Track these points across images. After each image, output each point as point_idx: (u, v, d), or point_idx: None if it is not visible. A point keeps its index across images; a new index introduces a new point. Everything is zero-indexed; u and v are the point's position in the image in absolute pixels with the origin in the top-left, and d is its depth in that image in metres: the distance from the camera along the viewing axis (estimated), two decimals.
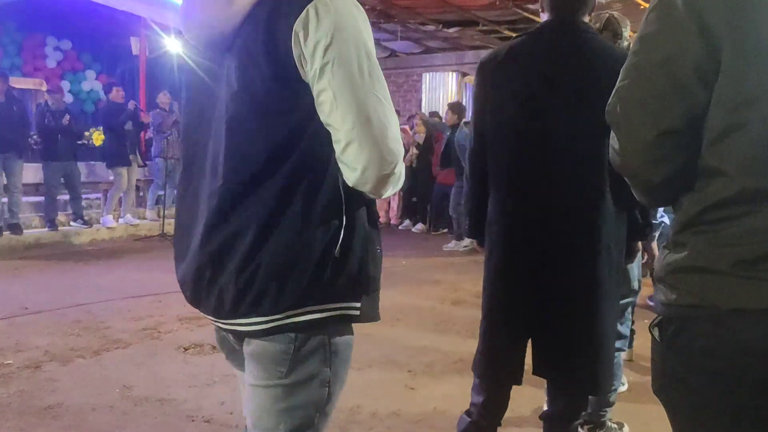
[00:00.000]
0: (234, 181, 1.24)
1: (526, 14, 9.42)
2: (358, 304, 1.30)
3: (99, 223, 8.63)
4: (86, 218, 8.50)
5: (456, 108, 8.76)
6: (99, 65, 14.37)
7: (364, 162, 1.21)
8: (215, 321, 1.34)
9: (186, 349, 4.06)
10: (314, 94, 1.21)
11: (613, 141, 1.17)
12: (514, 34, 10.94)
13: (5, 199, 7.65)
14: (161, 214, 9.09)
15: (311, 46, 1.17)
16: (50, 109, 8.04)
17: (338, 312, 1.28)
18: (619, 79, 1.16)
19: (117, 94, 8.96)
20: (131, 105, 8.90)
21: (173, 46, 12.34)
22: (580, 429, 2.73)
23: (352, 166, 1.22)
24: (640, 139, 1.12)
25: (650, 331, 1.15)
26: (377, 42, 12.75)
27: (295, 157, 1.22)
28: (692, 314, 1.04)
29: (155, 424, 2.96)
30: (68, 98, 11.70)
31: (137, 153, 8.97)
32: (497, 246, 2.24)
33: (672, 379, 1.11)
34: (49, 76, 13.07)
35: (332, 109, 1.19)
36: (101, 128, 9.72)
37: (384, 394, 3.37)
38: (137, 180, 9.44)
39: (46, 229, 8.02)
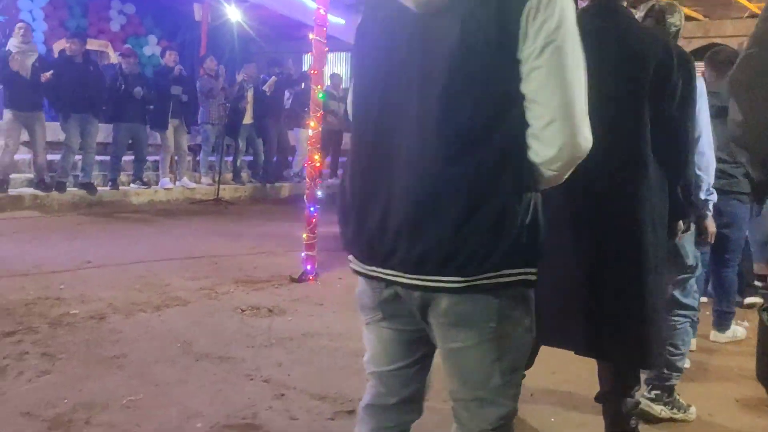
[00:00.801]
0: (449, 145, 1.27)
1: None
2: (536, 270, 1.36)
3: (157, 185, 8.81)
4: (145, 179, 8.69)
5: None
6: (160, 31, 14.58)
7: (562, 141, 1.25)
8: (407, 279, 1.33)
9: (243, 311, 4.12)
10: (524, 70, 1.25)
11: (735, 113, 1.12)
12: None
13: (78, 158, 7.89)
14: (216, 179, 9.22)
15: (538, 25, 1.22)
16: (123, 72, 8.21)
17: (528, 276, 1.34)
18: (746, 47, 1.11)
19: (170, 58, 9.04)
20: (177, 70, 8.94)
21: (234, 14, 12.46)
22: (646, 392, 2.80)
23: (550, 144, 1.26)
24: (763, 112, 1.07)
25: (759, 314, 1.10)
26: None
27: (507, 126, 1.27)
28: None
29: (215, 381, 3.01)
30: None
31: (181, 118, 9.01)
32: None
33: None
34: (112, 39, 13.34)
35: (542, 86, 1.24)
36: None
37: (436, 370, 3.35)
38: (193, 144, 9.59)
39: (108, 187, 8.23)
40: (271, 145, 10.17)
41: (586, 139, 1.28)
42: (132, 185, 8.57)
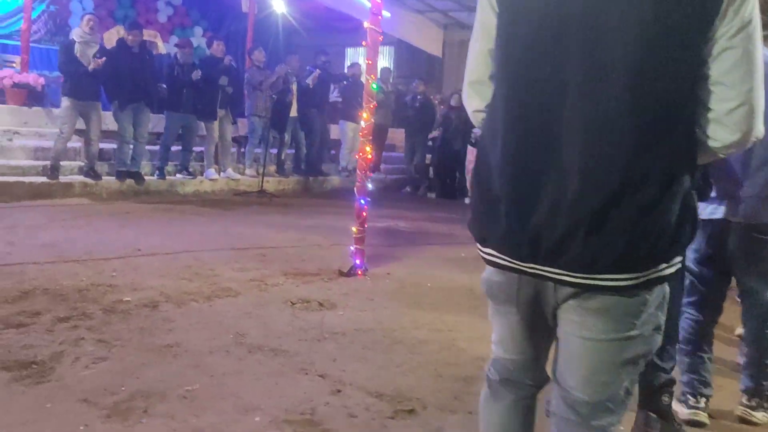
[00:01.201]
0: (638, 136, 1.21)
1: None
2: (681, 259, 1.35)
3: (202, 176, 8.85)
4: (191, 170, 8.74)
5: None
6: (206, 22, 14.71)
7: (747, 126, 1.22)
8: (573, 277, 1.30)
9: (293, 304, 4.07)
10: (715, 50, 1.20)
11: None
12: None
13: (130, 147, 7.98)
14: (260, 171, 9.23)
15: (738, 3, 1.18)
16: (179, 63, 8.27)
17: (677, 266, 1.33)
18: None
19: (217, 48, 9.05)
20: (227, 60, 8.95)
21: (279, 5, 12.47)
22: (745, 401, 2.81)
23: (735, 128, 1.22)
24: None
25: None
26: None
27: (690, 111, 1.23)
28: None
29: (271, 373, 2.96)
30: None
31: (228, 109, 9.03)
32: None
33: None
34: (159, 30, 13.48)
35: (734, 67, 1.19)
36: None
37: None
38: (238, 136, 9.61)
39: (155, 177, 8.29)
40: (315, 138, 10.14)
41: (761, 129, 1.24)
42: (178, 175, 8.62)
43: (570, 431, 1.41)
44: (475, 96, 1.50)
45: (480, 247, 1.45)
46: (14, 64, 10.55)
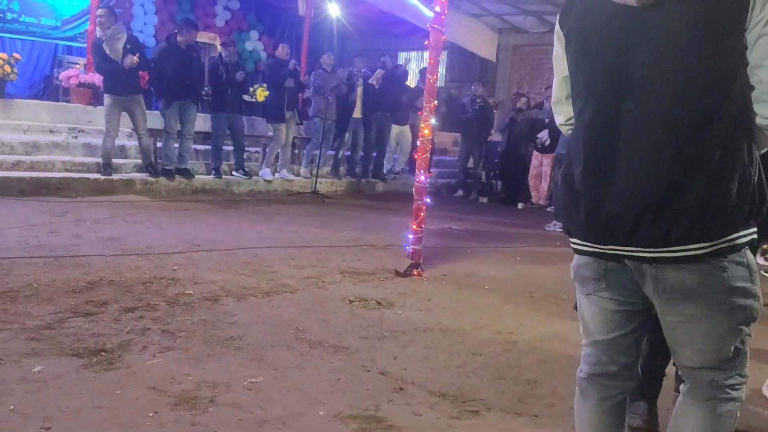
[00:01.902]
0: (693, 120, 1.40)
1: None
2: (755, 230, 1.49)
3: (257, 175, 8.96)
4: (246, 169, 8.86)
5: None
6: (262, 26, 14.95)
7: None
8: (649, 253, 1.47)
9: (351, 302, 4.06)
10: (749, 37, 1.38)
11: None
12: None
13: (176, 145, 8.12)
14: (314, 172, 9.30)
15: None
16: (224, 62, 8.40)
17: (751, 236, 1.47)
18: None
19: (282, 51, 9.18)
20: (291, 65, 9.07)
21: (334, 10, 12.59)
22: None
23: None
24: None
25: None
26: (539, 15, 12.26)
27: (736, 93, 1.40)
28: None
29: (333, 369, 2.95)
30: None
31: (295, 111, 9.19)
32: None
33: None
34: (218, 34, 13.75)
35: None
36: (265, 85, 10.07)
37: (560, 372, 3.18)
38: (294, 137, 9.71)
39: (212, 176, 8.44)
40: (371, 140, 10.15)
41: None
42: (234, 174, 8.75)
43: (698, 396, 1.57)
44: (559, 113, 1.79)
45: (569, 238, 1.68)
46: (78, 66, 10.92)
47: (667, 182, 1.42)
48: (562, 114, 1.77)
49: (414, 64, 14.08)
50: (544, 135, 9.54)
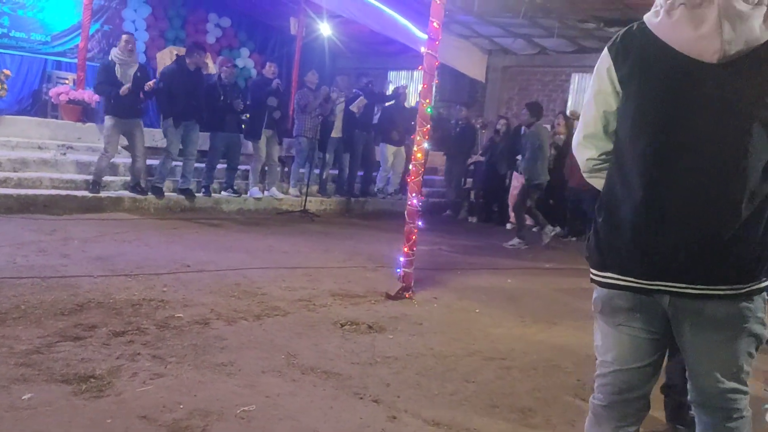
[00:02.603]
0: (751, 179, 1.57)
1: None
2: None
3: (246, 194, 8.93)
4: (235, 188, 8.83)
5: None
6: (253, 44, 14.97)
7: None
8: (693, 289, 1.63)
9: (342, 325, 4.04)
10: None
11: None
12: None
13: (177, 164, 8.08)
14: (303, 191, 9.29)
15: None
16: (222, 83, 8.41)
17: None
18: None
19: (269, 69, 9.15)
20: (275, 84, 9.02)
21: (325, 29, 12.65)
22: None
23: None
24: None
25: None
26: (528, 38, 12.39)
27: None
28: None
29: (326, 396, 2.93)
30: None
31: (275, 129, 9.10)
32: None
33: None
34: (209, 51, 13.74)
35: None
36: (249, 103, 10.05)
37: (555, 401, 3.17)
38: (283, 156, 9.68)
39: (201, 194, 8.39)
40: (356, 159, 10.16)
41: None
42: (223, 193, 8.71)
43: (720, 417, 1.73)
44: (592, 147, 1.81)
45: (597, 272, 1.77)
46: (67, 81, 10.87)
47: (716, 230, 1.59)
48: (596, 148, 1.79)
49: (404, 83, 14.14)
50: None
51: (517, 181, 10.14)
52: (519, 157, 9.41)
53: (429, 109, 4.70)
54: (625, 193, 1.68)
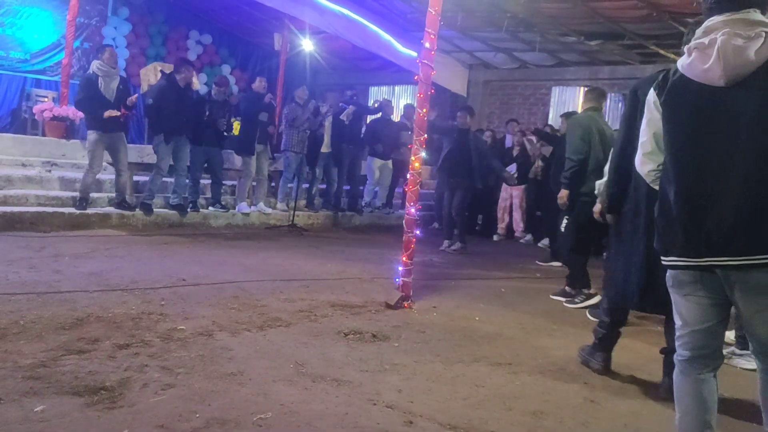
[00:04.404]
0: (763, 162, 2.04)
1: (681, 28, 8.94)
2: None
3: (234, 209, 8.87)
4: (223, 203, 8.77)
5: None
6: (234, 60, 14.98)
7: None
8: (737, 261, 2.04)
9: (346, 335, 4.02)
10: None
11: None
12: (660, 50, 10.49)
13: (167, 180, 8.02)
14: (291, 206, 9.26)
15: None
16: (210, 98, 8.39)
17: None
18: None
19: (260, 85, 9.17)
20: (267, 98, 9.07)
21: (308, 45, 12.70)
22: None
23: None
24: None
25: None
26: (509, 52, 12.56)
27: None
28: None
29: (339, 403, 2.91)
30: (203, 89, 12.25)
31: (267, 144, 9.13)
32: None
33: None
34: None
35: None
36: (240, 118, 10.04)
37: (565, 403, 3.19)
38: (271, 171, 9.66)
39: (189, 209, 8.32)
40: (343, 173, 10.16)
41: None
42: (211, 208, 8.65)
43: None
44: (649, 162, 2.39)
45: (663, 257, 2.27)
46: (46, 99, 10.75)
47: (755, 214, 2.02)
48: (652, 162, 2.37)
49: (386, 97, 14.22)
50: (512, 168, 9.73)
51: (505, 193, 10.24)
52: (508, 168, 9.51)
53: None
54: (671, 192, 2.19)
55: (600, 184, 4.27)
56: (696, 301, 2.20)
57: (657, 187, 2.34)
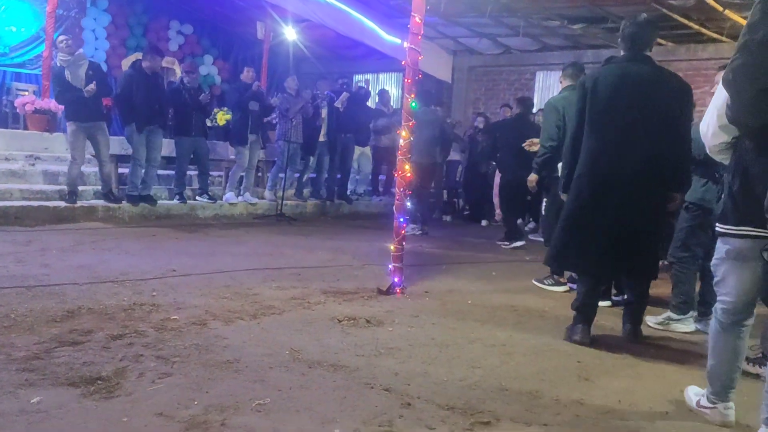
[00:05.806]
0: None
1: (663, 10, 8.99)
2: None
3: (221, 200, 8.83)
4: (210, 193, 8.72)
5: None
6: (216, 50, 14.84)
7: None
8: None
9: (340, 321, 4.02)
10: None
11: (729, 100, 2.36)
12: None
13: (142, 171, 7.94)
14: (279, 195, 9.23)
15: None
16: (186, 87, 8.30)
17: None
18: (731, 57, 2.30)
19: (247, 75, 9.12)
20: (255, 86, 9.04)
21: (291, 33, 12.60)
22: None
23: None
24: (744, 95, 2.25)
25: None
26: (493, 38, 12.55)
27: None
28: None
29: (337, 387, 2.91)
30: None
31: (259, 134, 9.12)
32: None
33: None
34: (174, 58, 13.56)
35: None
36: (226, 109, 9.98)
37: (560, 382, 3.22)
38: (258, 161, 9.62)
39: (176, 201, 8.27)
40: (335, 162, 10.14)
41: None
42: (198, 199, 8.60)
43: None
44: (724, 134, 2.59)
45: (733, 227, 2.51)
46: (27, 93, 10.60)
47: None
48: (728, 134, 2.55)
49: (370, 86, 14.18)
50: None
51: (498, 178, 10.26)
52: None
53: (413, 105, 4.72)
54: (756, 169, 2.40)
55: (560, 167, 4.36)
56: (752, 270, 2.47)
57: (719, 158, 2.61)
